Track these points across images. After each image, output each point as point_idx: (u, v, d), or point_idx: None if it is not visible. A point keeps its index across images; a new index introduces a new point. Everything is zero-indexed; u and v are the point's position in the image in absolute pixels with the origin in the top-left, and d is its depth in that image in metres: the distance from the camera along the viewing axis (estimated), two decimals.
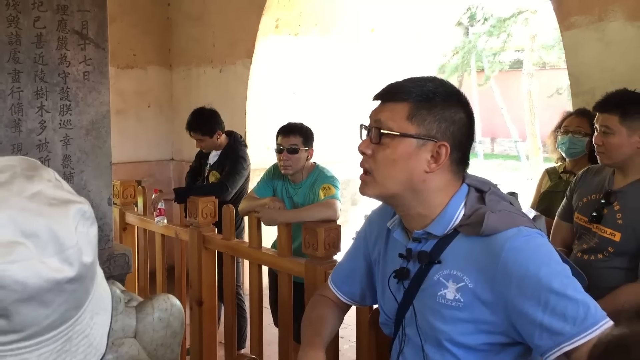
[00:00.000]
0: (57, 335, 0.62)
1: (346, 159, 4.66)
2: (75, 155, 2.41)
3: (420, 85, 1.18)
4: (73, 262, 0.61)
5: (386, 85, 1.24)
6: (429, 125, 1.17)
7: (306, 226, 2.39)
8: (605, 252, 2.08)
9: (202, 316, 2.99)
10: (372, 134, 1.20)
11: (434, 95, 1.17)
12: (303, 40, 5.02)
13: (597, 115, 2.13)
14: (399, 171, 1.18)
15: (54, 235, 0.60)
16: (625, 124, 2.01)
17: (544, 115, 14.95)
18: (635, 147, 2.02)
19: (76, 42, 2.34)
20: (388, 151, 1.18)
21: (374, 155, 1.20)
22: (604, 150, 2.07)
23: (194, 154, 5.72)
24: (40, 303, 0.59)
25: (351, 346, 3.06)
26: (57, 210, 0.62)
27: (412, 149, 1.17)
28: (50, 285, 0.59)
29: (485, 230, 1.13)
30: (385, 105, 1.22)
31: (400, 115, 1.18)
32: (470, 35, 16.81)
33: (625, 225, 2.03)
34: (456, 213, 1.19)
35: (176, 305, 1.44)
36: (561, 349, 1.06)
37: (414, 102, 1.17)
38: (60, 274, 0.59)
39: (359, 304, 1.52)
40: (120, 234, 3.58)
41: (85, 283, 0.64)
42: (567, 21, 2.99)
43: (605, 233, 2.08)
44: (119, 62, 5.39)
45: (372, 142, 1.20)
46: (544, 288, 1.07)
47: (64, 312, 0.62)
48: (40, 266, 0.58)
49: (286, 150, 2.95)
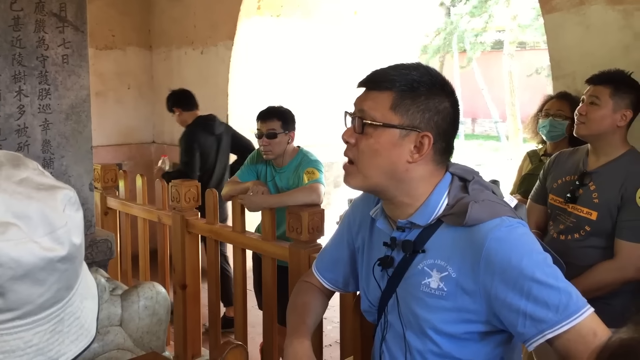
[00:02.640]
0: (51, 315, 0.65)
1: (329, 142, 4.66)
2: (55, 140, 2.37)
3: (405, 74, 1.17)
4: (64, 242, 0.64)
5: (370, 73, 1.22)
6: (413, 115, 1.16)
7: (290, 210, 2.39)
8: (582, 231, 2.12)
9: (185, 300, 3.00)
10: (356, 123, 1.19)
11: (418, 85, 1.16)
12: (285, 22, 4.97)
13: (588, 87, 2.17)
14: (382, 161, 1.17)
15: (44, 217, 0.63)
16: (614, 99, 2.07)
17: (523, 95, 15.09)
18: (615, 123, 2.08)
19: (54, 24, 2.29)
20: (371, 141, 1.17)
21: (357, 145, 1.19)
22: (585, 120, 2.12)
23: (175, 136, 5.69)
24: (34, 281, 0.62)
25: (334, 327, 3.10)
26: (45, 194, 0.65)
27: (395, 139, 1.16)
28: (43, 264, 0.62)
29: (469, 221, 1.13)
30: (369, 94, 1.20)
31: (384, 105, 1.17)
32: (453, 16, 16.79)
33: (601, 204, 2.08)
34: (439, 203, 1.20)
35: (161, 293, 1.45)
36: (544, 336, 1.08)
37: (397, 92, 1.16)
38: (52, 253, 0.63)
39: (342, 291, 1.54)
40: (101, 219, 3.56)
41: (75, 264, 0.67)
42: (549, 4, 3.00)
43: (582, 212, 2.12)
44: (98, 43, 5.30)
45: (355, 132, 1.19)
46: (526, 277, 1.08)
47: (57, 291, 0.65)
48: (33, 245, 0.61)
49: (265, 135, 2.94)
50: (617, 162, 2.10)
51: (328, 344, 3.55)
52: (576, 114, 2.18)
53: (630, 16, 2.68)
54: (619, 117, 2.07)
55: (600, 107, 2.09)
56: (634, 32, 2.68)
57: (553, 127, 2.68)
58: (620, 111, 2.07)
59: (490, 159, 14.29)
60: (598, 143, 2.14)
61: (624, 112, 2.07)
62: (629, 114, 2.08)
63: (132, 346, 1.31)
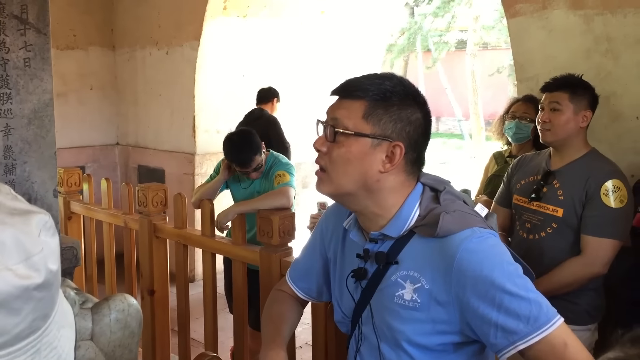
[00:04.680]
0: (27, 346, 0.62)
1: (295, 143, 4.65)
2: (17, 145, 2.30)
3: (378, 84, 1.17)
4: (40, 269, 0.62)
5: (344, 81, 1.22)
6: (385, 125, 1.16)
7: (261, 214, 2.38)
8: (548, 228, 2.18)
9: (154, 305, 2.95)
10: (328, 131, 1.18)
11: (391, 95, 1.16)
12: (252, 22, 4.94)
13: (544, 95, 2.23)
14: (353, 170, 1.17)
15: (19, 243, 0.60)
16: (573, 102, 2.15)
17: (486, 94, 15.37)
18: (578, 125, 2.15)
19: (15, 27, 2.22)
20: (343, 150, 1.16)
21: (329, 153, 1.18)
22: (550, 127, 2.17)
23: (140, 137, 5.60)
24: (9, 311, 0.59)
25: (305, 328, 3.10)
26: (19, 220, 0.63)
27: (367, 148, 1.16)
28: (19, 292, 0.59)
29: (440, 232, 1.14)
30: (342, 103, 1.20)
31: (356, 114, 1.16)
32: (416, 16, 16.96)
33: (566, 200, 2.13)
34: (411, 214, 1.20)
35: (133, 305, 1.42)
36: (516, 347, 1.09)
37: (370, 101, 1.16)
38: (28, 281, 0.60)
39: (316, 300, 1.53)
40: (65, 224, 3.47)
41: (52, 291, 0.65)
42: (513, 9, 3.06)
43: (548, 210, 2.18)
44: (59, 43, 5.16)
45: (327, 140, 1.18)
46: (497, 289, 1.09)
47: (32, 321, 0.62)
48: (8, 273, 0.58)
49: (247, 176, 3.00)
50: (580, 160, 2.17)
51: (299, 345, 3.55)
52: (538, 122, 2.23)
53: (590, 21, 2.76)
54: (581, 118, 2.15)
55: (563, 112, 2.15)
56: (594, 36, 2.76)
57: (519, 129, 2.74)
58: (580, 113, 2.14)
59: (453, 157, 14.50)
60: (563, 146, 2.20)
61: (584, 114, 2.15)
62: (588, 114, 2.16)
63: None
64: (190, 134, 4.93)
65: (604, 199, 2.05)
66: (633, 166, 2.57)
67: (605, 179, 2.07)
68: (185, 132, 4.97)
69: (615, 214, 2.05)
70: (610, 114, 2.70)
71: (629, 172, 2.45)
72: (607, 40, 2.71)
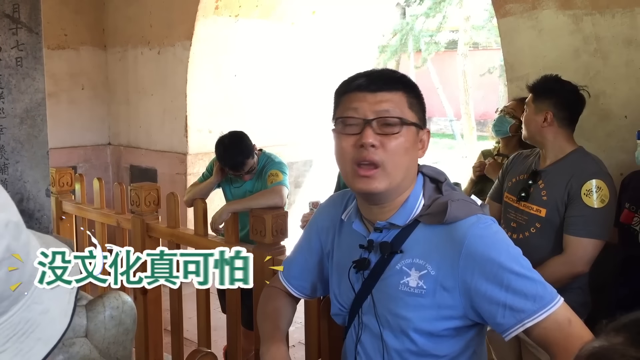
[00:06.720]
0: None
1: (288, 142, 4.66)
2: (10, 145, 2.30)
3: (401, 76, 1.23)
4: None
5: (371, 74, 1.22)
6: (419, 113, 1.23)
7: (254, 213, 2.39)
8: (532, 228, 2.22)
9: (146, 305, 2.95)
10: (388, 122, 1.17)
11: (414, 85, 1.24)
12: (244, 22, 4.95)
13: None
14: (408, 160, 1.21)
15: None
16: (535, 103, 2.26)
17: (477, 94, 15.42)
18: (539, 125, 2.23)
19: (7, 26, 2.22)
20: (401, 140, 1.18)
21: (384, 146, 1.16)
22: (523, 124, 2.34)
23: (132, 137, 5.58)
24: None
25: (297, 327, 3.11)
26: None
27: (416, 136, 1.22)
28: None
29: (448, 219, 1.18)
30: (381, 95, 1.19)
31: (402, 105, 1.20)
32: (408, 17, 16.99)
33: (549, 201, 2.18)
34: (417, 203, 1.24)
35: (128, 303, 1.42)
36: (523, 325, 1.13)
37: (405, 91, 1.21)
38: None
39: (309, 298, 1.55)
40: (57, 224, 3.47)
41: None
42: (503, 9, 3.08)
43: (532, 210, 2.23)
44: (50, 43, 5.13)
45: (378, 134, 1.17)
46: (505, 270, 1.13)
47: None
48: None
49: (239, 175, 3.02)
50: (564, 160, 2.22)
51: (292, 344, 3.56)
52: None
53: (580, 21, 2.79)
54: (540, 119, 2.22)
55: (527, 112, 2.29)
56: (583, 36, 2.79)
57: (500, 122, 2.82)
58: (540, 114, 2.22)
59: (445, 156, 14.54)
60: (541, 145, 2.28)
61: (545, 114, 2.21)
62: (549, 115, 2.20)
63: (99, 357, 1.29)
64: (183, 133, 4.92)
65: (585, 199, 2.10)
66: (621, 164, 2.60)
67: (587, 179, 2.11)
68: (178, 132, 4.97)
69: (597, 214, 2.09)
70: (599, 113, 2.73)
71: (617, 171, 2.48)
72: (595, 40, 2.74)
